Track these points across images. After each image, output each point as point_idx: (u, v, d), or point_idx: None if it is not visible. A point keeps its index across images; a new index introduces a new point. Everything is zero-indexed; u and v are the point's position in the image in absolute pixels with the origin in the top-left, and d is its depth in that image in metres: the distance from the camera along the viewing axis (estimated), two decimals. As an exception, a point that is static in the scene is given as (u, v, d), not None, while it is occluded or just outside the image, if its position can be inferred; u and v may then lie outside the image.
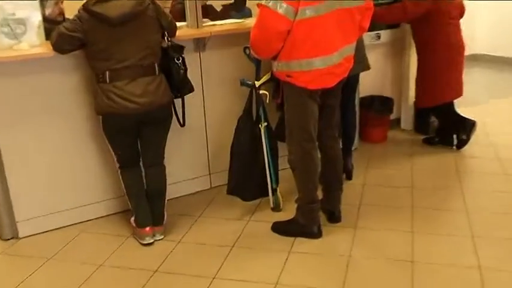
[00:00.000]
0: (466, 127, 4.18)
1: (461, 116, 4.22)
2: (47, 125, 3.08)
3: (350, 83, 3.27)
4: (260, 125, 3.17)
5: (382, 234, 3.02)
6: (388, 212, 3.27)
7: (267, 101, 3.17)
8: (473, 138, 4.20)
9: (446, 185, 3.66)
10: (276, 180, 3.30)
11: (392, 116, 4.62)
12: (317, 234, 2.98)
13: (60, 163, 3.17)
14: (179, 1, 4.18)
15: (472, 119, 4.20)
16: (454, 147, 4.24)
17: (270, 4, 2.57)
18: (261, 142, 3.18)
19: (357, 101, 3.95)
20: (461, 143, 4.21)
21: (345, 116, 3.53)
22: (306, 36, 2.61)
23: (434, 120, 4.47)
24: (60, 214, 3.23)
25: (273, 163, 3.26)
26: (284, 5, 2.55)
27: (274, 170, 3.28)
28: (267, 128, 3.21)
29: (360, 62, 3.38)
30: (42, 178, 3.14)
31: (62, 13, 3.58)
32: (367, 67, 3.57)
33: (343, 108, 3.34)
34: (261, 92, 3.14)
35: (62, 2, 3.65)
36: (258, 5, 2.65)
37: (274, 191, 3.31)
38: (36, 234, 3.17)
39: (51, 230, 3.20)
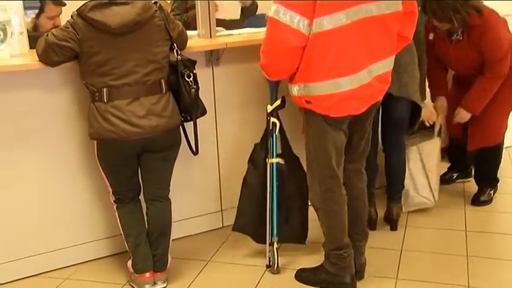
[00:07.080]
0: None
1: None
2: (26, 154, 3.08)
3: (394, 117, 3.25)
4: (267, 161, 3.13)
5: None
6: (437, 261, 3.25)
7: (277, 132, 3.14)
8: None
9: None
10: (277, 232, 3.16)
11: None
12: (350, 285, 2.97)
13: (42, 198, 3.19)
14: (177, 12, 4.29)
15: None
16: None
17: (280, 16, 2.55)
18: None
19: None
20: None
21: (390, 158, 3.50)
22: (323, 53, 2.58)
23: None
24: (40, 257, 3.23)
25: (278, 210, 3.15)
26: (296, 16, 2.53)
27: (277, 219, 3.16)
28: (277, 166, 3.13)
29: (406, 85, 3.26)
30: (20, 216, 3.14)
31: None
32: (417, 94, 3.38)
33: (387, 148, 3.31)
34: (271, 120, 3.11)
35: (58, 16, 3.71)
36: (267, 18, 2.64)
37: (271, 244, 3.17)
38: (13, 281, 3.16)
39: (30, 277, 3.20)
